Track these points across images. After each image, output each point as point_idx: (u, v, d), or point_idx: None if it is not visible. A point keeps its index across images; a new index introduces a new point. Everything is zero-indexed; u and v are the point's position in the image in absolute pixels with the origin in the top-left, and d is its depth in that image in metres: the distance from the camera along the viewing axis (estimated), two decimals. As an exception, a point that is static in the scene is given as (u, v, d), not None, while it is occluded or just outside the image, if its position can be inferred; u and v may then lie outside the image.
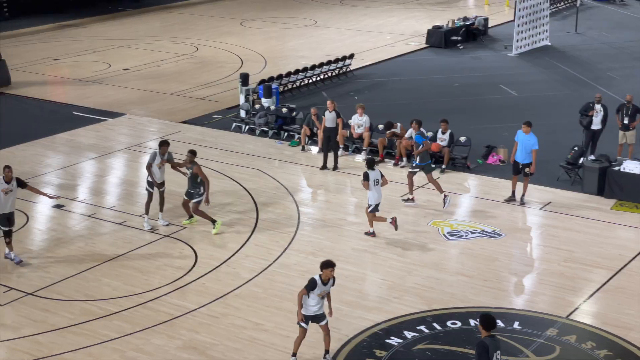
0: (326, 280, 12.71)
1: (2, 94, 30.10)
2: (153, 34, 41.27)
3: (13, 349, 13.57)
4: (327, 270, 12.69)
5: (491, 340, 10.63)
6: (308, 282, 12.69)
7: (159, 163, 17.94)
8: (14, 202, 16.53)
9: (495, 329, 10.80)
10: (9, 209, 16.37)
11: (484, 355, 10.46)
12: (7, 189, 16.21)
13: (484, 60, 35.18)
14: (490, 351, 10.50)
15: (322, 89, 30.47)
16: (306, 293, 12.63)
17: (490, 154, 22.38)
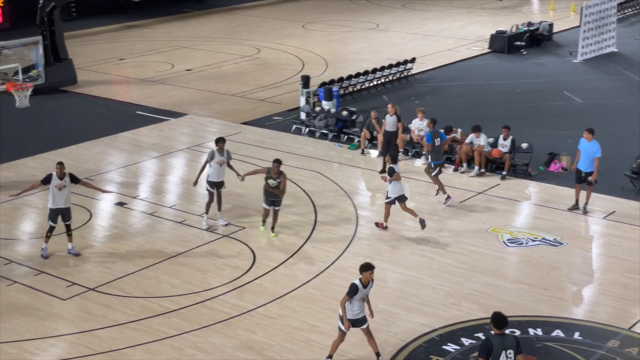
0: (366, 283, 12.73)
1: (68, 93, 30.70)
2: (216, 35, 41.68)
3: (74, 343, 13.81)
4: (366, 273, 12.70)
5: (501, 339, 10.63)
6: (349, 288, 12.68)
7: (219, 161, 17.98)
8: (69, 198, 16.81)
9: (507, 327, 10.77)
10: (63, 205, 16.68)
11: (483, 353, 10.57)
12: (61, 184, 16.52)
13: (547, 66, 34.72)
14: (495, 349, 10.52)
15: (382, 92, 30.41)
16: (349, 299, 12.63)
17: (553, 162, 22.07)
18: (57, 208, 16.62)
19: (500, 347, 10.58)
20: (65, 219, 16.76)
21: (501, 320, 10.74)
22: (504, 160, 21.25)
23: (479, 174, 21.38)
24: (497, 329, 10.76)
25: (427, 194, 20.40)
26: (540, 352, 13.35)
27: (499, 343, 10.61)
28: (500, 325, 10.74)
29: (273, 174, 17.35)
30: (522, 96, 29.79)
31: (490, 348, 10.58)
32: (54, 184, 16.46)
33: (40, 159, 22.98)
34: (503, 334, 10.74)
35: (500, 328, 10.74)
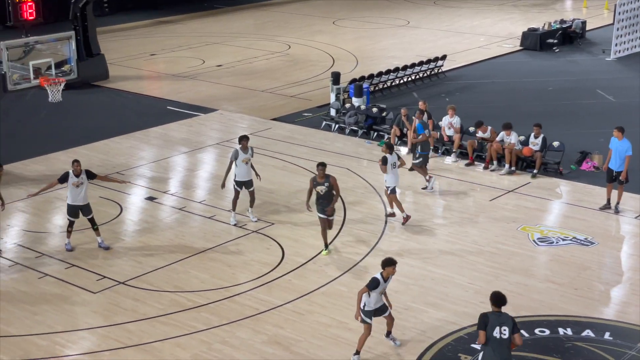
0: (387, 278, 12.86)
1: (100, 88, 30.93)
2: (246, 31, 41.77)
3: (105, 336, 13.92)
4: (389, 268, 12.84)
5: (496, 316, 11.28)
6: (370, 282, 12.80)
7: (244, 159, 17.94)
8: (86, 194, 16.96)
9: (504, 305, 11.34)
10: (81, 202, 16.85)
11: (481, 325, 11.22)
12: (78, 182, 16.71)
13: (580, 64, 34.41)
14: (490, 322, 11.18)
15: (413, 89, 30.31)
16: (367, 292, 12.76)
17: (585, 160, 21.87)
18: (75, 205, 16.82)
19: (496, 322, 11.19)
20: (85, 214, 16.93)
21: (499, 299, 11.37)
22: (535, 158, 21.10)
23: (509, 172, 21.25)
24: (495, 306, 11.36)
25: (458, 191, 20.31)
26: (570, 352, 13.25)
27: (495, 318, 11.25)
28: (498, 304, 11.35)
29: (319, 179, 16.42)
30: (553, 94, 29.55)
31: (487, 321, 11.22)
32: (71, 182, 16.67)
33: (71, 153, 23.16)
34: (500, 312, 11.33)
35: (498, 306, 11.35)
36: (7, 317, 14.49)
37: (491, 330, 11.20)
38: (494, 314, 11.33)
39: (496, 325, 11.18)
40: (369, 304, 12.89)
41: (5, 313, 14.64)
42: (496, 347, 11.20)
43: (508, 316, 11.36)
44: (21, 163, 22.34)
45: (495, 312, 11.35)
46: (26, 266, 16.46)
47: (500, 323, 11.19)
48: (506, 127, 21.39)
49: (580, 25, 38.54)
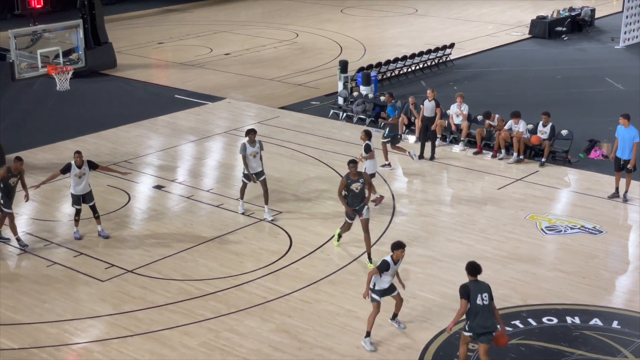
0: (397, 260, 13.07)
1: (108, 76, 30.96)
2: (254, 19, 41.71)
3: (113, 323, 13.97)
4: (398, 251, 13.04)
5: (475, 284, 11.88)
6: (381, 264, 12.99)
7: (251, 152, 17.71)
8: (87, 184, 17.03)
9: (480, 274, 11.92)
10: (81, 191, 16.96)
11: (464, 295, 11.76)
12: (80, 173, 16.81)
13: (589, 52, 34.27)
14: (472, 293, 11.74)
15: (421, 78, 30.24)
16: (378, 273, 12.94)
17: (593, 149, 21.82)
18: (78, 194, 16.94)
19: (476, 290, 11.81)
20: (87, 201, 17.03)
21: (475, 269, 11.97)
22: (543, 147, 21.04)
23: (517, 161, 21.21)
24: (471, 275, 11.96)
25: (465, 180, 20.30)
26: (578, 341, 13.25)
27: (475, 287, 11.84)
28: (474, 273, 11.96)
29: (352, 176, 15.62)
30: (562, 82, 29.45)
31: (468, 290, 11.80)
32: (74, 173, 16.74)
33: (80, 141, 23.22)
34: (477, 280, 11.94)
35: (474, 275, 11.96)
36: (17, 305, 14.56)
37: (474, 298, 11.78)
38: (472, 283, 11.89)
39: (477, 293, 11.80)
40: (380, 284, 13.07)
41: (15, 301, 14.71)
42: (482, 313, 11.79)
43: (485, 284, 11.99)
44: (29, 152, 22.39)
45: (473, 281, 11.91)
46: (35, 254, 16.53)
47: (481, 291, 11.82)
48: (514, 115, 21.33)
49: (589, 13, 38.37)
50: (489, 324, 11.86)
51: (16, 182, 16.75)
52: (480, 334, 11.87)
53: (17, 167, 16.70)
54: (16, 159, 16.84)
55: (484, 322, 11.81)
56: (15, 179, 16.69)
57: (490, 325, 11.87)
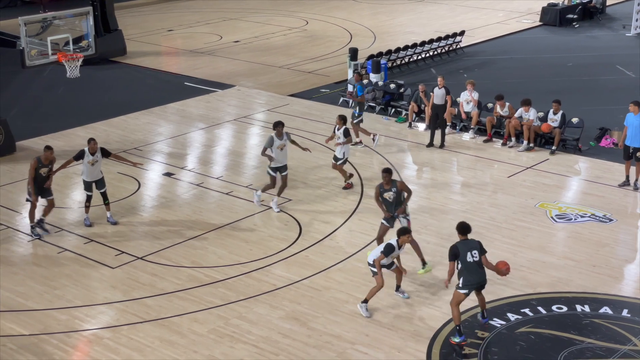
0: (401, 246, 13.74)
1: (118, 63, 30.97)
2: (264, 7, 41.61)
3: (123, 310, 14.02)
4: (404, 237, 13.69)
5: (464, 243, 12.84)
6: (385, 247, 13.63)
7: (279, 145, 17.44)
8: (100, 170, 17.10)
9: (470, 232, 12.93)
10: (94, 178, 17.03)
11: (451, 257, 12.78)
12: (93, 160, 16.85)
13: (600, 40, 34.09)
14: (460, 251, 12.70)
15: (431, 65, 30.15)
16: (384, 257, 13.61)
17: (604, 137, 21.73)
18: (90, 180, 16.98)
19: (465, 249, 12.73)
20: (99, 188, 17.07)
21: (464, 228, 12.92)
22: (554, 134, 20.97)
23: (527, 149, 21.15)
24: (461, 234, 12.90)
25: (475, 168, 20.25)
26: (588, 329, 13.23)
27: (463, 246, 12.78)
28: (464, 232, 12.92)
29: (385, 185, 15.15)
30: (573, 70, 29.33)
31: (456, 251, 12.74)
32: (87, 160, 16.77)
33: (90, 128, 23.26)
34: (466, 239, 12.88)
35: (464, 234, 12.91)
36: (27, 292, 14.62)
37: (464, 256, 12.69)
38: (461, 242, 12.85)
39: (467, 251, 12.70)
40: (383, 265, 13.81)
41: (25, 287, 14.77)
42: (471, 269, 12.70)
43: (474, 241, 12.92)
44: (40, 139, 22.43)
45: (463, 240, 12.87)
46: (45, 241, 16.58)
47: (470, 248, 12.73)
48: (525, 103, 21.25)
49: (600, 1, 38.18)
50: (481, 279, 12.85)
51: (47, 172, 16.70)
52: (474, 288, 12.94)
53: (48, 156, 16.64)
54: (46, 148, 16.77)
55: (476, 278, 12.77)
56: (46, 169, 16.63)
57: (483, 280, 12.91)
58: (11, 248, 16.36)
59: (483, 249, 12.93)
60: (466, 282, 12.77)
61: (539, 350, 12.73)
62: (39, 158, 16.65)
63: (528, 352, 12.69)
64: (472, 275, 12.74)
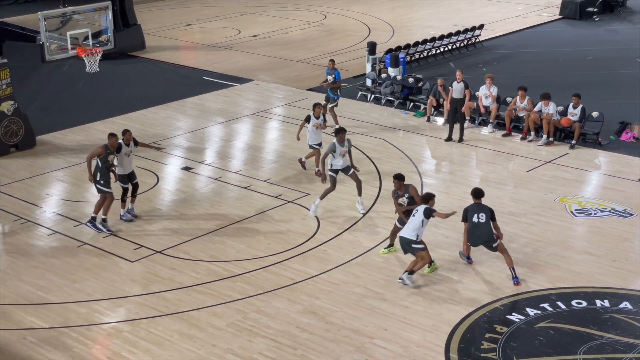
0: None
1: (136, 58, 31.07)
2: (282, 1, 41.61)
3: (142, 304, 14.08)
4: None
5: (475, 206, 14.44)
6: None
7: (341, 152, 16.96)
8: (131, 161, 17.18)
9: (483, 197, 14.58)
10: (128, 170, 17.05)
11: (464, 218, 14.49)
12: (128, 151, 16.89)
13: (620, 33, 33.84)
14: (470, 212, 14.35)
15: (449, 59, 30.05)
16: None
17: (624, 131, 21.58)
18: (125, 173, 16.97)
19: (474, 211, 14.35)
20: (132, 179, 17.13)
21: (478, 193, 14.56)
22: (574, 129, 20.85)
23: (547, 143, 21.04)
24: (475, 198, 14.51)
25: (494, 162, 20.18)
26: (608, 324, 13.16)
27: (474, 208, 14.41)
28: (478, 196, 14.53)
29: (399, 191, 15.35)
30: (593, 64, 29.13)
31: (467, 212, 14.43)
32: (124, 152, 16.77)
33: (109, 122, 23.36)
34: (479, 203, 14.46)
35: (478, 198, 14.53)
36: (47, 285, 14.72)
37: (471, 217, 14.30)
38: (473, 206, 14.43)
39: (474, 213, 14.29)
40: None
41: (45, 281, 14.87)
42: (474, 229, 14.32)
43: (486, 206, 14.39)
44: (60, 133, 22.57)
45: (475, 204, 14.44)
46: (65, 235, 16.68)
47: (479, 211, 14.29)
48: (544, 97, 21.14)
49: (621, -6, 37.89)
50: (481, 238, 14.37)
51: (114, 158, 16.66)
52: (476, 244, 14.56)
53: (113, 143, 16.49)
54: (110, 136, 16.59)
55: (476, 236, 14.37)
56: (112, 156, 16.60)
57: (483, 238, 14.37)
58: (31, 242, 16.47)
59: (494, 216, 14.37)
60: (470, 239, 14.55)
61: (558, 345, 12.68)
62: (106, 145, 16.50)
63: (547, 347, 12.63)
64: (474, 233, 14.38)
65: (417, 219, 14.28)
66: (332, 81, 22.49)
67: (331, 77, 22.62)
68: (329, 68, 22.79)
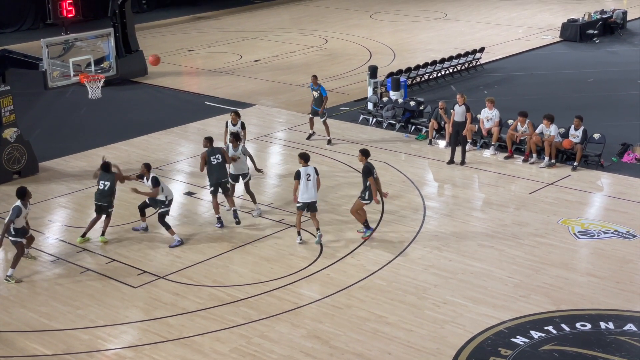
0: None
1: (139, 84, 31.19)
2: (283, 26, 41.83)
3: (145, 329, 14.05)
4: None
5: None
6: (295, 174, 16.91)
7: (233, 156, 18.41)
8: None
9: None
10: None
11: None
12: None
13: (621, 55, 33.95)
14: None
15: (451, 82, 30.14)
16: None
17: (626, 152, 21.60)
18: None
19: (372, 168, 16.40)
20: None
21: (367, 153, 16.68)
22: (575, 150, 20.87)
23: (549, 165, 21.05)
24: (365, 158, 16.64)
25: (497, 184, 20.18)
26: (612, 347, 13.11)
27: (372, 166, 16.34)
28: (367, 156, 16.63)
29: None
30: (594, 86, 29.21)
31: (369, 169, 16.22)
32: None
33: (112, 148, 23.41)
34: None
35: (367, 158, 16.62)
36: (50, 312, 14.69)
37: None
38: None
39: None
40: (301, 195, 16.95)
41: (48, 308, 14.84)
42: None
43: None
44: (62, 159, 22.62)
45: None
46: (68, 261, 16.67)
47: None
48: (547, 118, 21.14)
49: (621, 16, 38.04)
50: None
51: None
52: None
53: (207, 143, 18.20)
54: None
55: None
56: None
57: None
58: (34, 268, 16.45)
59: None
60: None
61: (563, 368, 12.62)
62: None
63: (552, 370, 12.58)
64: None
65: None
66: (318, 97, 23.03)
67: (316, 93, 23.02)
68: (313, 84, 23.15)
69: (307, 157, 17.12)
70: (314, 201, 17.07)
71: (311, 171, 17.04)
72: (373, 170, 16.98)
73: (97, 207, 17.31)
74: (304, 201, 17.00)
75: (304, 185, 16.94)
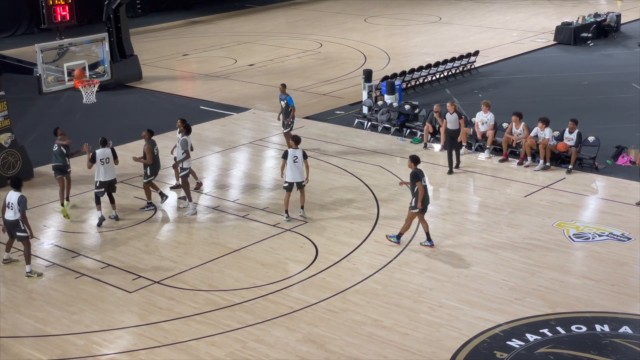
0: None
1: (133, 88, 31.17)
2: (278, 30, 41.86)
3: (140, 334, 14.03)
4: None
5: (416, 171, 16.62)
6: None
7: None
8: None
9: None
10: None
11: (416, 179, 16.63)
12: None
13: (615, 58, 34.03)
14: (420, 175, 16.60)
15: (445, 86, 30.18)
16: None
17: (621, 155, 21.64)
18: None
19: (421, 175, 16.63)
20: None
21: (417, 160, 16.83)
22: (570, 153, 20.90)
23: (544, 168, 21.09)
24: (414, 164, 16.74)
25: (492, 188, 20.21)
26: (608, 349, 13.12)
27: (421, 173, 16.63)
28: (417, 163, 16.79)
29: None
30: (588, 89, 29.27)
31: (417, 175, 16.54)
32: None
33: (106, 153, 23.33)
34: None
35: (417, 164, 16.77)
36: (45, 317, 14.67)
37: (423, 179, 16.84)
38: (419, 169, 16.86)
39: (422, 176, 16.71)
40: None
41: (44, 313, 14.82)
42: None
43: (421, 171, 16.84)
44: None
45: (417, 169, 16.85)
46: (63, 266, 16.65)
47: (424, 175, 16.80)
48: (543, 121, 21.16)
49: (614, 19, 38.15)
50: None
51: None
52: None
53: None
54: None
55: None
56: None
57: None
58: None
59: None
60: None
61: (558, 371, 12.64)
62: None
63: (548, 373, 12.60)
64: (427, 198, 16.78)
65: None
66: (286, 106, 22.53)
67: (283, 103, 22.66)
68: (281, 93, 22.81)
69: (298, 139, 18.16)
70: (300, 181, 18.09)
71: (299, 154, 17.97)
72: (422, 178, 16.86)
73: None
74: (290, 181, 18.04)
75: (291, 165, 17.89)
